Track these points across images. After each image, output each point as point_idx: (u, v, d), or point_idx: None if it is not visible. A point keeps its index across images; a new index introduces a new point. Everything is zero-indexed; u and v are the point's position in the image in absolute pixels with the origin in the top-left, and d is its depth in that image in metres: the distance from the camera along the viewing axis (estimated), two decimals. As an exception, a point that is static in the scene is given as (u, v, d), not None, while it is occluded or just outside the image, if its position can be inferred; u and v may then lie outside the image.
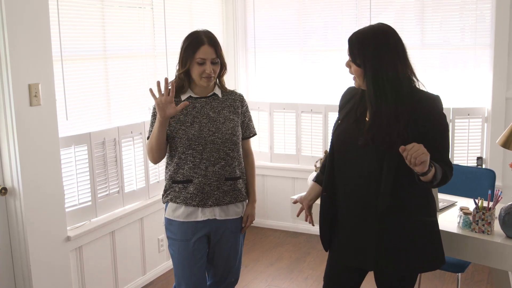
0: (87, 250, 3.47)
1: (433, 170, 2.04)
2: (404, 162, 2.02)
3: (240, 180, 2.73)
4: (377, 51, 2.12)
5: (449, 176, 2.17)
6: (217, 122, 2.64)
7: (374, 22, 2.32)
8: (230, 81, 5.05)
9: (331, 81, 4.67)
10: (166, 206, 2.73)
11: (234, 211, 2.72)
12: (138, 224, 3.89)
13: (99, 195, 3.58)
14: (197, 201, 2.63)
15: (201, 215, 2.65)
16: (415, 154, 1.95)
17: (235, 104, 2.74)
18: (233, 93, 2.79)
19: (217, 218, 2.67)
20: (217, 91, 2.72)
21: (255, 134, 2.87)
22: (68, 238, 3.29)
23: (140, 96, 3.88)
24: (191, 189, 2.63)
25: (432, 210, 2.27)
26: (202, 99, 2.67)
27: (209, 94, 2.69)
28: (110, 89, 3.68)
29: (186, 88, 2.66)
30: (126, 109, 3.77)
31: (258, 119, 5.15)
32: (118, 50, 3.74)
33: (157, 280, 4.04)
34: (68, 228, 3.32)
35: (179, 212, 2.66)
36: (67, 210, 3.32)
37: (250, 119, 2.83)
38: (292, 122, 4.98)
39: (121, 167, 3.74)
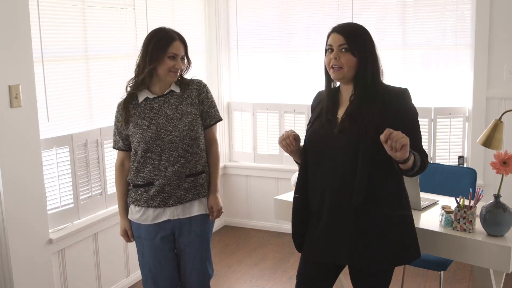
0: (69, 253, 3.44)
1: (412, 157, 2.09)
2: (378, 156, 2.10)
3: (203, 174, 2.70)
4: (371, 45, 2.24)
5: (426, 165, 2.22)
6: (174, 119, 2.60)
7: (356, 22, 2.37)
8: (213, 82, 5.05)
9: (314, 82, 4.68)
10: (128, 206, 2.72)
11: (197, 208, 2.69)
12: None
13: (81, 197, 3.55)
14: (158, 202, 2.61)
15: (163, 215, 2.64)
16: (396, 138, 1.99)
17: (192, 94, 2.68)
18: (190, 82, 2.72)
19: (180, 217, 2.66)
20: (174, 88, 2.67)
21: (218, 120, 2.76)
22: (50, 241, 3.26)
23: (122, 97, 3.86)
24: (152, 191, 2.61)
25: (404, 203, 2.30)
26: (159, 99, 2.64)
27: (166, 92, 2.66)
28: (92, 90, 3.65)
29: (146, 86, 2.62)
30: (109, 110, 3.74)
31: (241, 119, 5.16)
32: (100, 50, 3.71)
33: (140, 282, 4.01)
34: (50, 230, 3.30)
35: (140, 216, 2.65)
36: (49, 212, 3.29)
37: (210, 106, 2.72)
38: (275, 123, 4.99)
39: (104, 169, 3.71)
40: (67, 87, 3.47)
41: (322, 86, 2.42)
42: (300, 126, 4.82)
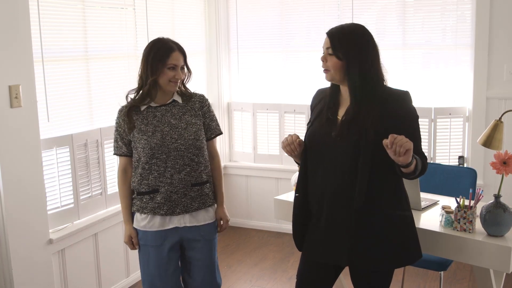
0: (69, 253, 3.44)
1: (414, 161, 2.10)
2: (378, 157, 2.10)
3: (208, 184, 2.71)
4: (360, 47, 2.20)
5: (426, 168, 2.23)
6: (179, 128, 2.62)
7: (356, 22, 2.37)
8: (213, 82, 5.05)
9: (314, 82, 4.67)
10: (133, 215, 2.71)
11: (204, 217, 2.70)
12: (121, 225, 3.85)
13: (81, 197, 3.55)
14: (165, 210, 2.61)
15: (170, 223, 2.64)
16: (400, 142, 1.99)
17: (195, 106, 2.70)
18: (193, 95, 2.74)
19: (188, 225, 2.66)
20: (177, 98, 2.68)
21: (218, 134, 2.79)
22: (51, 241, 3.26)
23: (123, 97, 3.86)
24: (158, 198, 2.61)
25: (404, 204, 2.30)
26: (162, 107, 2.65)
27: (168, 102, 2.67)
28: (92, 90, 3.65)
29: (153, 97, 2.62)
30: (109, 110, 3.74)
31: (241, 119, 5.16)
32: (100, 50, 3.71)
33: (140, 282, 4.01)
34: (50, 230, 3.29)
35: (147, 223, 2.64)
36: (49, 212, 3.29)
37: (212, 119, 2.75)
38: (275, 123, 4.99)
39: (104, 169, 3.71)
40: (67, 87, 3.46)
41: (322, 86, 2.43)
42: (300, 126, 4.82)
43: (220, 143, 5.12)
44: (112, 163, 3.77)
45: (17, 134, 3.00)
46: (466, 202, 2.58)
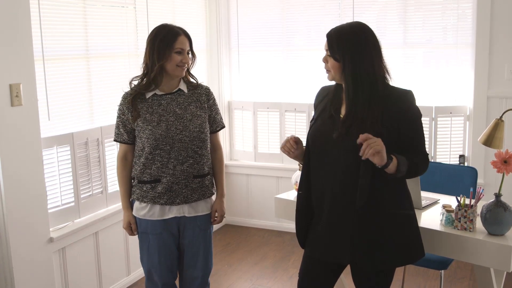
0: (70, 251, 3.44)
1: (394, 161, 2.09)
2: None
3: (208, 176, 2.74)
4: (356, 47, 2.19)
5: (421, 167, 2.23)
6: (184, 119, 2.62)
7: (358, 21, 2.37)
8: (214, 81, 5.06)
9: (315, 80, 4.67)
10: (133, 203, 2.73)
11: (203, 207, 2.72)
12: (121, 224, 3.85)
13: (82, 196, 3.55)
14: (165, 200, 2.63)
15: (169, 212, 2.66)
16: (371, 143, 2.02)
17: (201, 99, 2.70)
18: (199, 86, 2.75)
19: (186, 215, 2.68)
20: (183, 86, 2.69)
21: (222, 127, 2.84)
22: (51, 239, 3.26)
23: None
24: (159, 188, 2.62)
25: (407, 203, 2.30)
26: (167, 96, 2.65)
27: (174, 90, 2.67)
28: (93, 89, 3.65)
29: (159, 83, 2.63)
30: (109, 109, 3.74)
31: (242, 118, 5.16)
32: (100, 49, 3.71)
33: (141, 281, 4.02)
34: (51, 229, 3.30)
35: (147, 212, 2.66)
36: (50, 211, 3.29)
37: (217, 112, 2.79)
38: (276, 121, 4.99)
39: (105, 167, 3.71)
40: (67, 86, 3.46)
41: (323, 84, 2.43)
42: (300, 125, 4.81)
43: (220, 141, 5.11)
44: (113, 162, 3.77)
45: (17, 133, 3.00)
46: (467, 201, 2.58)
